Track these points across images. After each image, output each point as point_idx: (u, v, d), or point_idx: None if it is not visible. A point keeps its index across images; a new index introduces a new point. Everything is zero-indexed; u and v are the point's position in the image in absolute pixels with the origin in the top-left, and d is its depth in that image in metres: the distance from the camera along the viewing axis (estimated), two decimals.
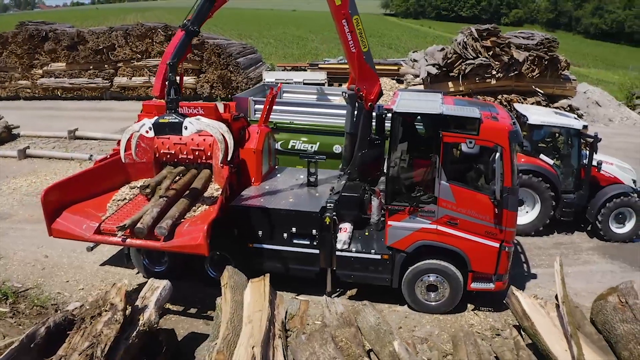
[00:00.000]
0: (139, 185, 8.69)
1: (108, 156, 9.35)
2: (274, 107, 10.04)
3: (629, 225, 10.77)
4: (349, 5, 8.03)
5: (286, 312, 6.37)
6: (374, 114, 8.95)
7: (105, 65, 25.08)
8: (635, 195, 10.69)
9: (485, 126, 7.28)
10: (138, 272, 9.52)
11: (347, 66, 28.01)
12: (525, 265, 10.04)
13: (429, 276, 8.09)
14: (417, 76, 18.79)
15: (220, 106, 9.12)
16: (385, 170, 9.09)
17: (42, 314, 8.25)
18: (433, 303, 8.23)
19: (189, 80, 25.42)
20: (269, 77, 26.20)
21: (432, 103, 7.78)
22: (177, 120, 7.13)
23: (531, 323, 5.60)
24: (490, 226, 7.65)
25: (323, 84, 25.96)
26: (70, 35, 24.57)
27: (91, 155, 16.11)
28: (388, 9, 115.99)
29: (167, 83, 7.45)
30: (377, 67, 27.32)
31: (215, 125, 7.11)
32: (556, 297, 6.41)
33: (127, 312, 6.08)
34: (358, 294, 8.69)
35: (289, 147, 11.55)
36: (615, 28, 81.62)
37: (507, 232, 7.73)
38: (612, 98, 22.39)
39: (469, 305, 8.57)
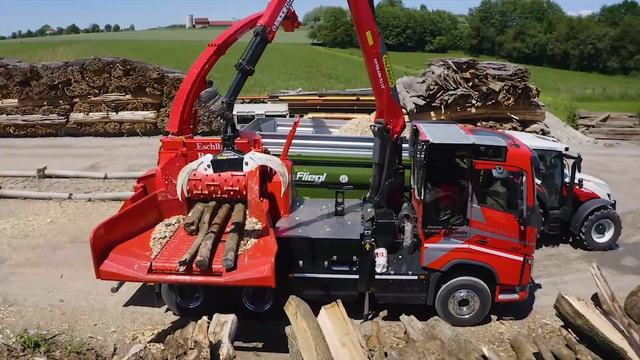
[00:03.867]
0: (173, 222, 8.73)
1: (135, 194, 9.28)
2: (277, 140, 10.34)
3: (608, 235, 12.09)
4: (380, 45, 8.73)
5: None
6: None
7: (61, 101, 24.35)
8: (612, 207, 12.06)
9: (511, 153, 8.15)
10: (167, 311, 9.46)
11: (306, 98, 28.98)
12: None
13: (460, 292, 8.76)
14: None
15: None
16: (410, 197, 9.78)
17: None
18: (466, 316, 8.88)
19: (149, 115, 25.16)
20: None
21: (459, 134, 8.59)
22: (236, 157, 7.32)
23: (586, 320, 6.38)
24: (516, 242, 8.48)
25: (285, 116, 26.61)
26: (22, 71, 23.67)
27: (71, 194, 15.62)
28: (315, 38, 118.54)
29: (223, 120, 7.64)
30: (369, 99, 28.20)
31: (274, 160, 7.43)
32: (595, 295, 7.24)
33: None
34: (390, 314, 9.19)
35: (297, 178, 11.94)
36: (538, 51, 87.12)
37: (529, 247, 8.60)
38: (558, 119, 24.67)
39: (492, 316, 9.31)
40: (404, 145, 9.97)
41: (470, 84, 18.19)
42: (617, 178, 14.73)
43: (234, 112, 26.18)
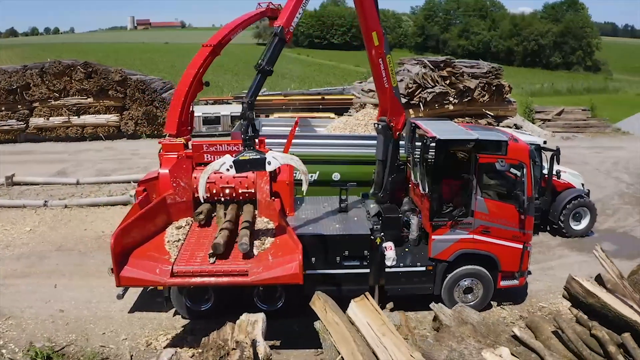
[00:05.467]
0: (183, 225, 8.67)
1: (138, 197, 9.11)
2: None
3: (584, 222, 12.91)
4: (384, 45, 9.00)
5: None
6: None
7: (19, 106, 23.33)
8: (587, 196, 12.88)
9: (511, 147, 8.61)
10: (175, 315, 9.39)
11: (272, 98, 29.01)
12: None
13: (465, 280, 9.18)
14: (377, 105, 20.07)
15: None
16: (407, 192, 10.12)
17: None
18: (470, 304, 9.26)
19: (112, 118, 24.51)
20: (196, 111, 26.06)
21: (461, 130, 8.99)
22: (259, 157, 7.37)
23: (597, 298, 6.89)
24: (516, 230, 8.97)
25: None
26: None
27: (46, 201, 15.08)
28: (261, 38, 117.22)
29: (244, 121, 7.67)
30: (333, 97, 28.49)
31: (296, 159, 7.54)
32: (598, 277, 7.79)
33: None
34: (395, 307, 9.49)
35: None
36: (482, 48, 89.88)
37: (528, 234, 9.12)
38: (516, 114, 25.85)
39: (492, 302, 9.78)
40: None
41: (447, 82, 18.88)
42: (580, 169, 15.64)
43: (199, 113, 26.02)
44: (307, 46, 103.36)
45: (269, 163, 7.39)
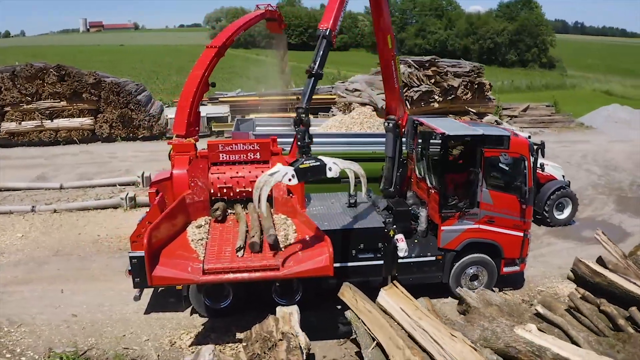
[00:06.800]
0: (203, 224, 8.80)
1: (158, 198, 9.14)
2: None
3: (567, 212, 13.75)
4: (395, 48, 9.41)
5: None
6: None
7: None
8: (568, 187, 13.71)
9: (513, 142, 9.18)
10: (192, 314, 9.49)
11: (247, 99, 29.01)
12: None
13: (471, 268, 9.70)
14: (364, 104, 20.50)
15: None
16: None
17: None
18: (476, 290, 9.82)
19: (86, 121, 24.01)
20: (171, 113, 25.84)
21: (464, 126, 9.49)
22: (319, 164, 7.38)
23: (604, 277, 7.53)
24: (517, 219, 9.55)
25: (227, 117, 26.54)
26: None
27: (33, 207, 14.76)
28: None
29: (301, 127, 7.56)
30: (317, 97, 28.64)
31: (354, 163, 7.76)
32: (599, 259, 8.44)
33: None
34: None
35: None
36: (439, 47, 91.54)
37: (528, 223, 9.73)
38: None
39: (494, 289, 10.32)
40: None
41: (432, 80, 19.55)
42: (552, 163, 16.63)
43: (172, 116, 25.76)
44: (265, 47, 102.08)
45: (330, 169, 7.45)
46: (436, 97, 20.23)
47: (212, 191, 9.18)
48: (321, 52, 7.84)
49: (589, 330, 6.93)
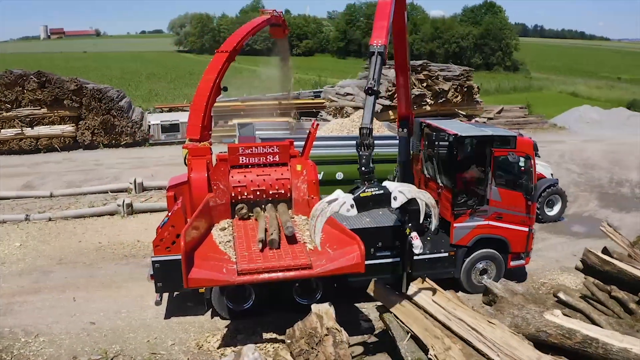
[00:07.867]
0: (226, 226, 8.92)
1: (179, 202, 9.18)
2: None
3: (556, 208, 14.45)
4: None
5: None
6: None
7: None
8: (557, 184, 14.41)
9: (519, 141, 9.69)
10: (214, 316, 9.58)
11: (229, 104, 28.98)
12: None
13: (480, 263, 10.15)
14: (358, 108, 20.72)
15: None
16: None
17: None
18: None
19: (67, 128, 23.61)
20: (153, 119, 25.66)
21: (472, 127, 9.95)
22: (382, 192, 6.88)
23: (614, 265, 8.06)
24: (523, 215, 10.06)
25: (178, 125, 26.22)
26: None
27: (27, 215, 14.48)
28: (182, 45, 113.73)
29: (360, 154, 7.20)
30: (307, 102, 28.81)
31: (423, 193, 7.57)
32: (604, 249, 8.98)
33: None
34: None
35: None
36: None
37: (532, 219, 10.25)
38: (464, 113, 27.65)
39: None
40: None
41: (424, 84, 20.12)
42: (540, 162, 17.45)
43: (157, 121, 25.50)
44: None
45: (395, 198, 7.01)
46: (428, 100, 20.85)
47: (232, 194, 9.32)
48: (377, 69, 7.65)
49: (605, 314, 7.44)
